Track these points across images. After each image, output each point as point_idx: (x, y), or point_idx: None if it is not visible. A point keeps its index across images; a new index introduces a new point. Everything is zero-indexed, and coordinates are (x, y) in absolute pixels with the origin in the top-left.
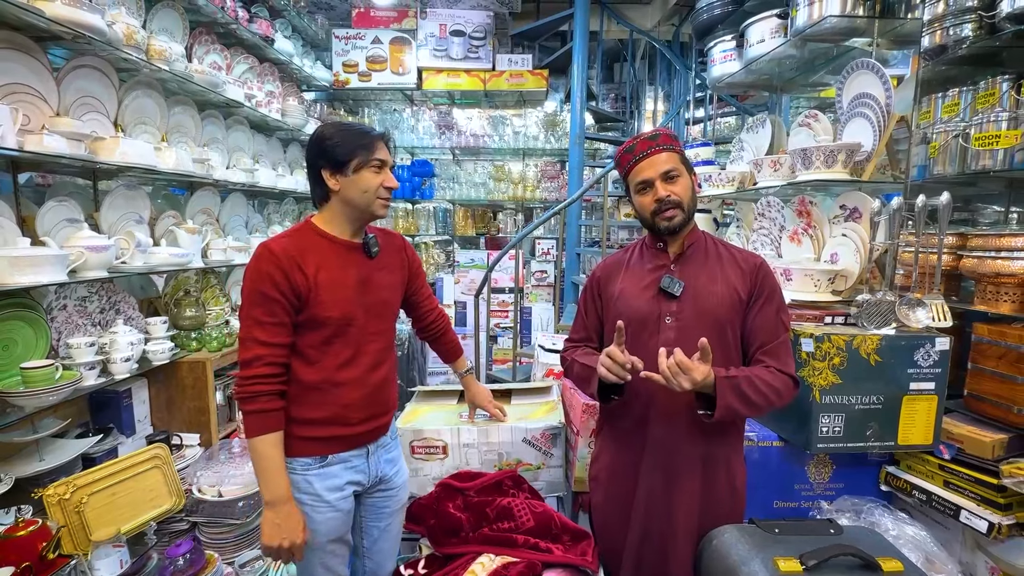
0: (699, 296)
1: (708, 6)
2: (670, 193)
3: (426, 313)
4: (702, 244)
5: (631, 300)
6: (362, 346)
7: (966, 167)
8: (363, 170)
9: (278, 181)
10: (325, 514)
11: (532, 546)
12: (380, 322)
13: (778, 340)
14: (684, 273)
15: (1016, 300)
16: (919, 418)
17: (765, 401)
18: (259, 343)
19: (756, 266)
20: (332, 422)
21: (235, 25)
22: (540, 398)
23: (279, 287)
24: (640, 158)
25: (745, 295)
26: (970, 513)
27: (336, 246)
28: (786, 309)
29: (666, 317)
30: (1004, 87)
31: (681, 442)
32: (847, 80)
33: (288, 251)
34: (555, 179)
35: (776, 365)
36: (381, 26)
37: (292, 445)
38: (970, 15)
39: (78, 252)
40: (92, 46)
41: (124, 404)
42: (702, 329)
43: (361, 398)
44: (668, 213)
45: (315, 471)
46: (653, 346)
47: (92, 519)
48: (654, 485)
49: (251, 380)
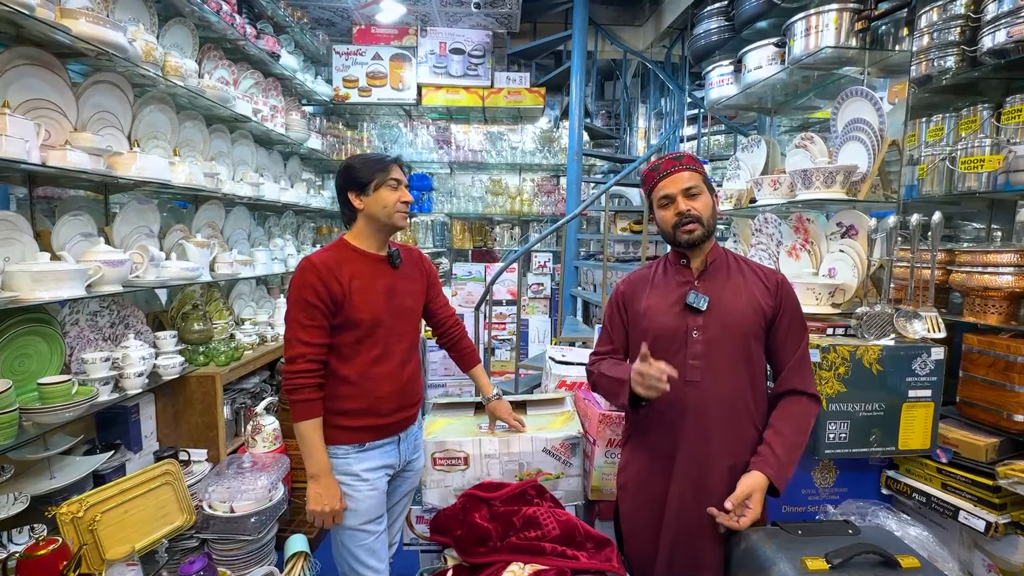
0: (724, 310)
1: (706, 32)
2: (690, 208)
3: (443, 320)
4: (724, 260)
5: (658, 316)
6: (390, 345)
7: (953, 188)
8: (382, 188)
9: (281, 194)
10: (364, 491)
11: (560, 554)
12: (405, 324)
13: (799, 356)
14: (708, 288)
15: (1003, 312)
16: (917, 424)
17: (803, 446)
18: (301, 343)
19: (778, 282)
20: (366, 413)
21: (244, 41)
22: (555, 409)
23: (319, 294)
24: (664, 175)
25: (769, 310)
26: (968, 513)
27: (366, 258)
28: (805, 323)
29: (693, 331)
30: (985, 115)
31: (710, 453)
32: (841, 105)
33: (327, 263)
34: (551, 193)
35: (800, 385)
36: (382, 43)
37: (334, 435)
38: (953, 48)
39: (95, 267)
40: (113, 63)
41: (132, 420)
42: (728, 341)
43: (392, 391)
44: (688, 227)
45: (354, 455)
46: (680, 360)
47: (105, 537)
48: (684, 493)
49: (295, 374)
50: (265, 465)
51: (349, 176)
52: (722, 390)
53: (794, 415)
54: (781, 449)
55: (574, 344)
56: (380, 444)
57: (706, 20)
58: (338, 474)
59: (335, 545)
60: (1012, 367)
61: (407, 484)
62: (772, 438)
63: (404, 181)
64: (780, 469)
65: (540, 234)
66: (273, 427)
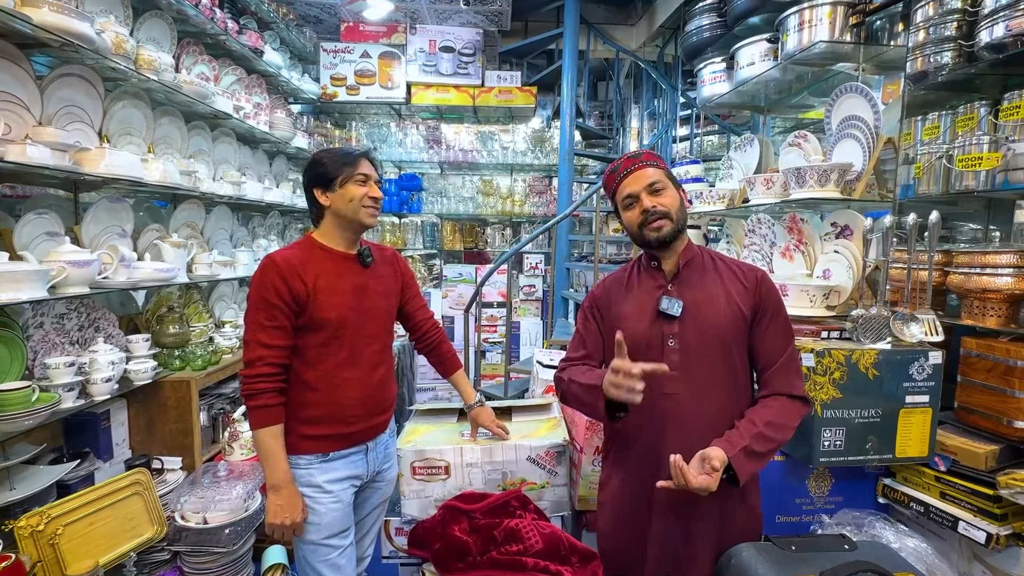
0: (700, 316)
1: (698, 29)
2: (656, 204)
3: (421, 323)
4: (699, 260)
5: (631, 323)
6: (359, 348)
7: (950, 187)
8: (348, 184)
9: (265, 194)
10: (327, 504)
11: (542, 569)
12: (375, 325)
13: (784, 357)
14: (682, 292)
15: (1002, 314)
16: (915, 431)
17: (778, 443)
18: (261, 345)
19: (758, 280)
20: (331, 420)
21: (224, 36)
22: (541, 415)
23: (280, 293)
24: (624, 175)
25: (748, 311)
26: (968, 524)
27: (333, 256)
28: (789, 322)
29: (668, 340)
30: (982, 112)
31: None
32: (836, 102)
33: (290, 261)
34: (543, 194)
35: (784, 388)
36: (370, 40)
37: (296, 443)
38: (950, 44)
39: (59, 267)
40: (80, 55)
41: (102, 427)
42: (706, 349)
43: (360, 398)
44: (655, 224)
45: (317, 466)
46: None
47: (68, 551)
48: (669, 513)
49: (254, 379)
50: (242, 473)
51: (315, 172)
52: (703, 402)
53: (771, 408)
54: (748, 436)
55: (565, 347)
56: (346, 453)
57: (698, 16)
58: (300, 485)
59: (298, 560)
60: (1012, 371)
61: (378, 495)
62: (740, 424)
63: (374, 176)
64: (743, 454)
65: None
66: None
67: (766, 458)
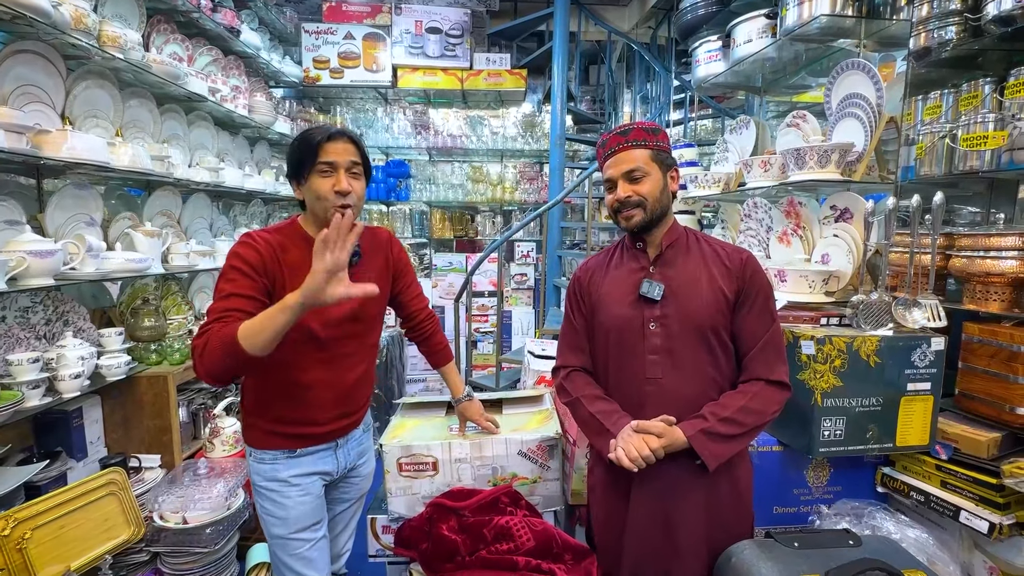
0: (681, 299)
1: (692, 6)
2: (630, 194)
3: (415, 312)
4: (683, 242)
5: (613, 307)
6: (334, 349)
7: (953, 168)
8: (312, 175)
9: (245, 181)
10: (294, 498)
11: (534, 568)
12: (355, 326)
13: (763, 341)
14: (664, 274)
15: (1005, 299)
16: (916, 419)
17: (752, 427)
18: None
19: (742, 262)
20: (300, 422)
21: (197, 14)
22: (533, 407)
23: (254, 267)
24: (608, 154)
25: (731, 294)
26: (970, 513)
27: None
28: (773, 305)
29: (650, 323)
30: (986, 90)
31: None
32: (836, 80)
33: (269, 242)
34: (534, 181)
35: (762, 373)
36: (354, 21)
37: (261, 438)
38: (955, 17)
39: (19, 258)
40: (35, 29)
41: (74, 425)
42: (688, 333)
43: (330, 400)
44: (626, 213)
45: (283, 461)
46: (640, 353)
47: (36, 556)
48: (649, 501)
49: (201, 335)
50: (224, 470)
51: (288, 159)
52: (685, 387)
53: (746, 394)
54: (713, 419)
55: (556, 337)
56: (314, 450)
57: None
58: (264, 480)
59: (271, 556)
60: (1015, 357)
61: (355, 490)
62: (709, 407)
63: (341, 163)
64: (704, 435)
65: (521, 222)
66: (233, 429)
67: (735, 442)
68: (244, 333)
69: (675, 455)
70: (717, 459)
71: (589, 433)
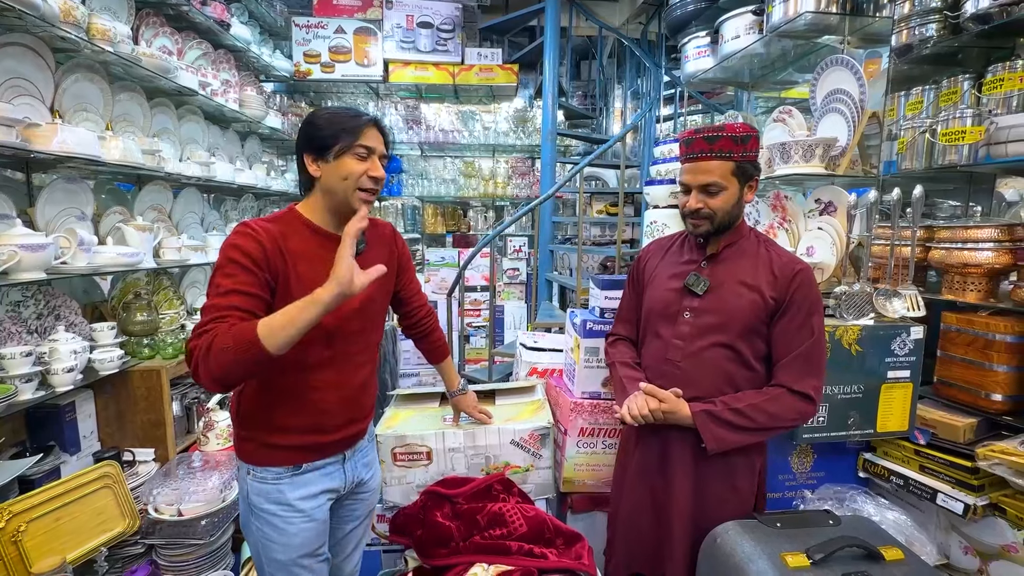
0: (722, 298)
1: (681, 2)
2: (702, 206)
3: (415, 309)
4: (743, 243)
5: (658, 288)
6: (341, 347)
7: (933, 162)
8: (345, 156)
9: (236, 176)
10: (299, 524)
11: (527, 552)
12: (361, 321)
13: (798, 353)
14: (714, 272)
15: (982, 289)
16: (896, 405)
17: (759, 426)
18: (221, 307)
19: (793, 273)
20: (308, 430)
21: (186, 7)
22: (525, 397)
23: (255, 260)
24: (690, 158)
25: (773, 303)
26: (946, 496)
27: (319, 236)
28: (816, 321)
29: (685, 312)
30: (965, 86)
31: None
32: (821, 75)
33: (269, 230)
34: (526, 176)
35: (786, 381)
36: (344, 15)
37: (264, 454)
38: (935, 15)
39: (10, 251)
40: (23, 21)
41: (67, 419)
42: (716, 330)
43: (339, 402)
44: (695, 222)
45: (287, 480)
46: (668, 336)
47: (32, 549)
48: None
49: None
50: (218, 463)
51: (308, 133)
52: (700, 378)
53: (764, 395)
54: (722, 405)
55: (549, 330)
56: (320, 465)
57: None
58: (267, 502)
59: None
60: (991, 345)
61: (363, 506)
62: (724, 397)
63: (379, 151)
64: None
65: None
66: (227, 423)
67: (740, 433)
68: (266, 331)
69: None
70: (718, 442)
71: (617, 393)
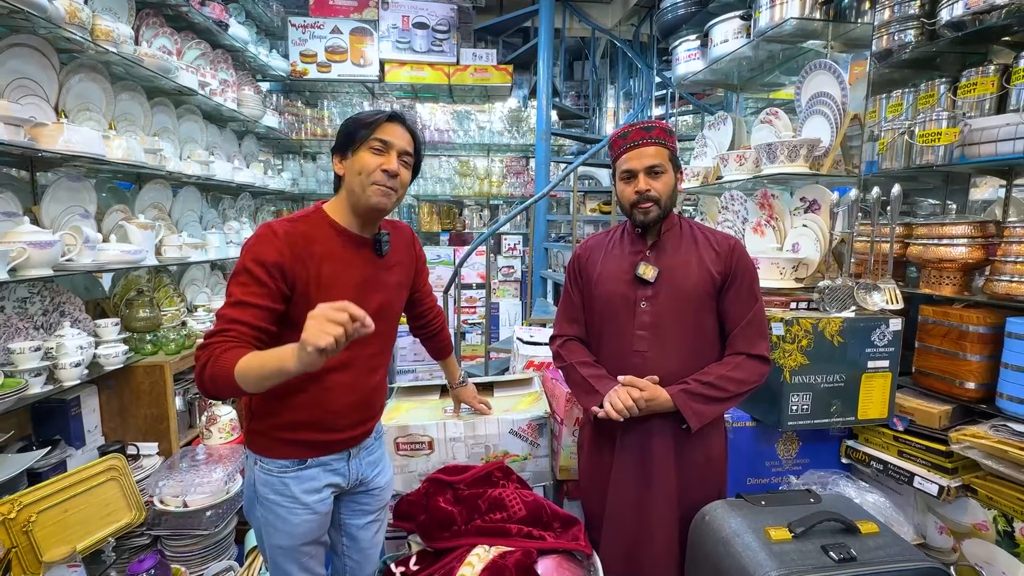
0: (673, 281)
1: (672, 6)
2: (650, 188)
3: (426, 311)
4: (678, 229)
5: (608, 284)
6: (358, 350)
7: (911, 162)
8: (361, 150)
9: (235, 175)
10: (301, 516)
11: (526, 534)
12: (379, 324)
13: (747, 319)
14: (660, 259)
15: (957, 283)
16: (876, 394)
17: (730, 394)
18: (230, 320)
19: (730, 247)
20: (317, 427)
21: (186, 7)
22: (522, 389)
23: (270, 270)
24: (630, 147)
25: (720, 277)
26: (922, 478)
27: (344, 238)
28: (757, 287)
29: (641, 302)
30: (942, 89)
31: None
32: (805, 79)
33: (293, 236)
34: (520, 175)
35: (744, 347)
36: (341, 15)
37: (271, 446)
38: (913, 21)
39: (19, 248)
40: (30, 23)
41: (72, 414)
42: (677, 313)
43: (351, 403)
44: (644, 206)
45: (292, 474)
46: (629, 328)
47: (42, 539)
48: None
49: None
50: (221, 456)
51: (339, 133)
52: (669, 361)
53: (727, 364)
54: (695, 381)
55: (544, 325)
56: (325, 461)
57: None
58: (272, 493)
59: (269, 560)
60: (965, 336)
61: (376, 501)
62: (693, 375)
63: (399, 147)
64: (685, 394)
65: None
66: (230, 417)
67: (716, 404)
68: (241, 372)
69: (657, 420)
70: (699, 417)
71: (579, 394)
